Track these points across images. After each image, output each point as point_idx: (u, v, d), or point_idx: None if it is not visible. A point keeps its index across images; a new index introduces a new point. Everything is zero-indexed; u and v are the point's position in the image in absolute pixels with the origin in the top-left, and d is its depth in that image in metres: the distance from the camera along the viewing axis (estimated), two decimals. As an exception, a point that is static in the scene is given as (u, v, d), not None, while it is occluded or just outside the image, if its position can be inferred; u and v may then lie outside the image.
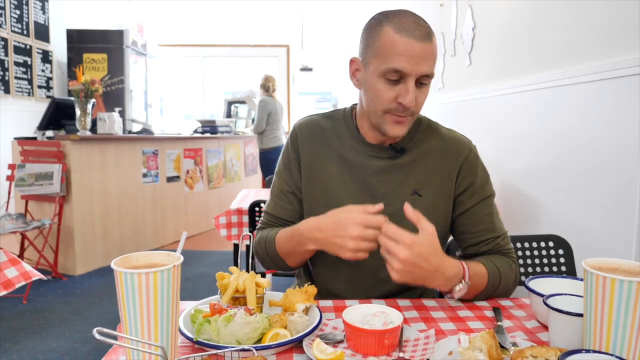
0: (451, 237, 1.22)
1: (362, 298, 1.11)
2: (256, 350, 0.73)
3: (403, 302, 1.03)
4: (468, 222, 1.10)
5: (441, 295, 1.81)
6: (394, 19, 0.97)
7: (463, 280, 0.94)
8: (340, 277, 1.15)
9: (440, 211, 1.09)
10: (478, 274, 0.99)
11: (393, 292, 1.13)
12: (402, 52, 0.93)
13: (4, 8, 4.76)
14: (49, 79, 5.48)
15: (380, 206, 0.94)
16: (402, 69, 0.94)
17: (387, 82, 0.97)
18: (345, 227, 0.92)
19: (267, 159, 5.05)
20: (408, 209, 0.90)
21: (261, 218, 1.23)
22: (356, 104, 1.16)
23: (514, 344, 0.80)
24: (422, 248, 0.86)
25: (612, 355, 0.66)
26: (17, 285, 1.39)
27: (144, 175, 4.25)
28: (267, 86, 5.10)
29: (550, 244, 1.47)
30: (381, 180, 1.09)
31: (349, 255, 0.93)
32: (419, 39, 0.93)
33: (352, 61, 1.07)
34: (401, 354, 0.77)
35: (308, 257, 1.11)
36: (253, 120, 5.13)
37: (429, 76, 0.97)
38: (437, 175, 1.09)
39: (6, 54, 4.79)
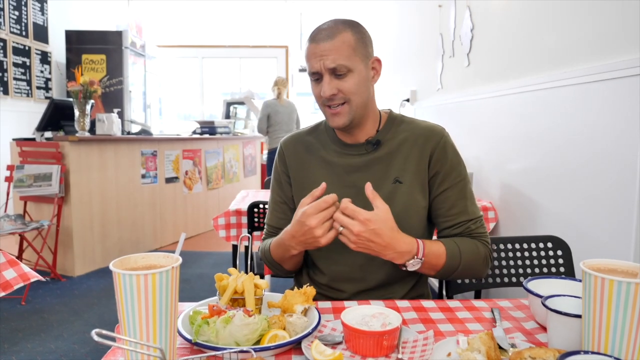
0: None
1: (361, 287, 1.17)
2: (255, 351, 0.73)
3: (402, 303, 1.03)
4: (442, 206, 1.17)
5: (440, 296, 1.82)
6: (313, 31, 1.14)
7: (416, 256, 1.04)
8: (338, 267, 1.19)
9: (419, 194, 1.17)
10: (434, 252, 1.07)
11: (390, 277, 1.18)
12: (311, 56, 1.12)
13: (2, 9, 4.75)
14: (48, 80, 5.47)
15: (323, 185, 1.06)
16: (312, 69, 1.11)
17: (314, 82, 1.15)
18: (304, 223, 1.02)
19: (271, 160, 5.13)
20: (368, 188, 1.03)
21: (264, 229, 1.35)
22: None
23: (513, 345, 0.80)
24: (375, 225, 0.98)
25: (610, 356, 0.66)
26: (16, 287, 1.39)
27: (143, 176, 4.24)
28: (273, 89, 5.24)
29: (549, 245, 1.47)
30: (364, 174, 1.18)
31: (324, 242, 1.02)
32: (320, 41, 1.10)
33: None
34: (400, 356, 0.77)
35: (299, 260, 1.21)
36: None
37: (339, 68, 1.09)
38: (413, 161, 1.17)
39: (5, 55, 4.78)
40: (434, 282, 2.72)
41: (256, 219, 2.17)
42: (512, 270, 1.48)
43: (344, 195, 1.16)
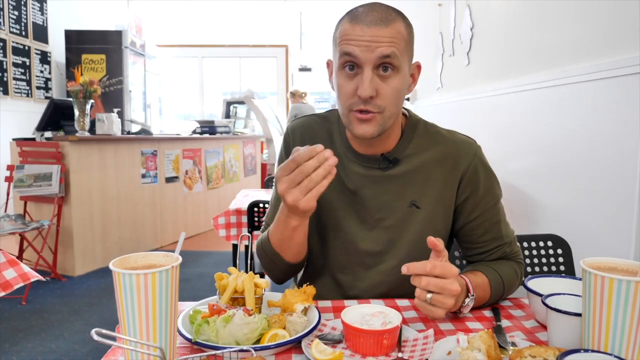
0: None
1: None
2: (255, 350, 0.73)
3: (402, 302, 1.03)
4: (474, 233, 1.05)
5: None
6: (352, 10, 0.94)
7: (469, 294, 0.91)
8: (332, 284, 1.12)
9: (439, 222, 1.04)
10: (480, 285, 0.95)
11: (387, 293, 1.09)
12: (352, 39, 0.89)
13: (2, 9, 4.75)
14: (48, 79, 5.47)
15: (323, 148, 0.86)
16: (352, 52, 0.89)
17: (346, 74, 0.92)
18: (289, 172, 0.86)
19: None
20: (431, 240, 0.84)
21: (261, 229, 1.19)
22: None
23: (513, 344, 0.80)
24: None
25: (610, 354, 0.66)
26: (16, 287, 1.39)
27: (143, 176, 4.24)
28: (296, 98, 6.48)
29: (549, 243, 1.47)
30: (374, 191, 1.03)
31: (303, 205, 0.85)
32: (369, 24, 0.89)
33: (327, 64, 1.04)
34: (400, 354, 0.77)
35: (300, 247, 1.00)
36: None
37: (389, 63, 0.89)
38: (437, 183, 1.02)
39: (4, 55, 4.78)
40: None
41: (256, 219, 2.17)
42: (512, 269, 1.47)
43: (348, 208, 1.05)
